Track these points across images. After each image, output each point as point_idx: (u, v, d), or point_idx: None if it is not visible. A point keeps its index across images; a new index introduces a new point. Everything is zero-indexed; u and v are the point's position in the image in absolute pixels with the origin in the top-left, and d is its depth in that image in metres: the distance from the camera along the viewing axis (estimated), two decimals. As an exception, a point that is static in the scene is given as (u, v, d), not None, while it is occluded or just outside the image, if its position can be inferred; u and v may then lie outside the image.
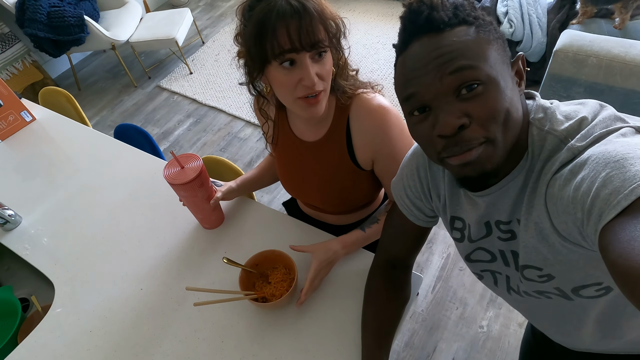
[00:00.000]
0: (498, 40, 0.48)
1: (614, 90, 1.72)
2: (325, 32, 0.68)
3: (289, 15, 0.64)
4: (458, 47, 0.45)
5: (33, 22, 2.42)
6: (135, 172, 1.19)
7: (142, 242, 1.01)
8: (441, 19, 0.46)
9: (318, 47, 0.68)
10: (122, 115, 2.72)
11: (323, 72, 0.71)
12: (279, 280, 0.83)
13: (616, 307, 0.56)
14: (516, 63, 0.51)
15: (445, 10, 0.46)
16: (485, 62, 0.45)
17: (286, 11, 0.64)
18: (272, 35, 0.65)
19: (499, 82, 0.46)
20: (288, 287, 0.81)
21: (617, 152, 0.39)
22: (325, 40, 0.68)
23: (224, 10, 3.57)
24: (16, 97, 1.37)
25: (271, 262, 0.86)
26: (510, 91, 0.47)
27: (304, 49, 0.66)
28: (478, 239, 0.61)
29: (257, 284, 0.85)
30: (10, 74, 2.66)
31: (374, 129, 0.80)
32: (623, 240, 0.34)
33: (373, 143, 0.81)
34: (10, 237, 1.08)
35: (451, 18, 0.46)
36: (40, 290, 1.03)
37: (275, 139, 0.93)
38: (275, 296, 0.81)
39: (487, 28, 0.47)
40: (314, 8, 0.65)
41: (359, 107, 0.80)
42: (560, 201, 0.44)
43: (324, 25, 0.68)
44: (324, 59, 0.70)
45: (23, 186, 1.21)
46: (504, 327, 1.48)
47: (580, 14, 2.02)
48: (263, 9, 0.65)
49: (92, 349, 0.83)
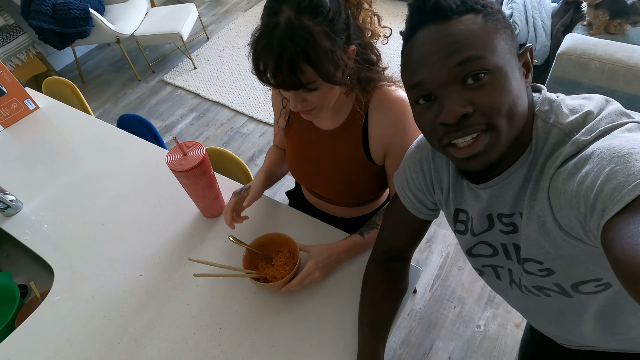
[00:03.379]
0: (506, 30, 0.48)
1: (616, 94, 1.72)
2: (315, 70, 0.63)
3: (269, 52, 0.61)
4: (465, 35, 0.45)
5: (38, 14, 2.42)
6: (137, 161, 1.20)
7: (143, 230, 1.01)
8: (449, 7, 0.46)
9: (299, 88, 0.65)
10: (126, 108, 2.73)
11: (312, 100, 0.70)
12: (282, 264, 0.84)
13: (614, 303, 0.56)
14: (524, 55, 0.51)
15: None
16: (493, 52, 0.45)
17: (270, 48, 0.61)
18: (256, 65, 0.64)
19: (506, 72, 0.46)
20: (290, 271, 0.81)
21: (622, 147, 0.39)
22: (313, 80, 0.64)
23: (230, 6, 3.58)
24: (20, 85, 1.38)
25: (276, 245, 0.87)
26: (516, 82, 0.47)
27: (282, 88, 0.66)
28: (480, 233, 0.61)
29: (260, 265, 0.86)
30: (15, 65, 2.67)
31: (392, 120, 0.79)
32: (626, 236, 0.34)
33: (389, 135, 0.81)
34: (10, 222, 1.08)
35: (459, 6, 0.46)
36: (39, 277, 1.03)
37: (290, 123, 0.93)
38: (276, 278, 0.81)
39: (495, 17, 0.47)
40: (301, 48, 0.60)
41: (380, 99, 0.79)
42: (563, 195, 0.44)
43: (314, 64, 0.62)
44: (312, 92, 0.67)
45: (25, 173, 1.22)
46: (501, 328, 1.48)
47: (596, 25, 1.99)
48: (260, 28, 0.63)
49: (89, 334, 0.83)
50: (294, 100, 0.69)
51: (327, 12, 0.62)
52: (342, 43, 0.66)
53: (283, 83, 0.64)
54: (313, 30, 0.61)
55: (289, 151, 0.98)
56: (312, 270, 0.80)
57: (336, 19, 0.63)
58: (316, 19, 0.61)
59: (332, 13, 0.62)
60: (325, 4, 0.62)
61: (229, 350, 0.78)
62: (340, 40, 0.65)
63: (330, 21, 0.62)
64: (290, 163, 0.99)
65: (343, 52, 0.66)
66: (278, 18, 0.61)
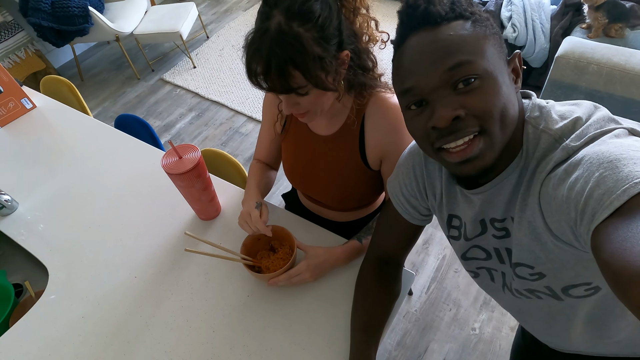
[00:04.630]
0: (495, 36, 0.48)
1: (613, 98, 1.73)
2: (304, 75, 0.63)
3: (259, 57, 0.62)
4: (455, 41, 0.45)
5: (37, 11, 2.41)
6: (134, 162, 1.20)
7: (138, 231, 1.01)
8: (438, 13, 0.46)
9: (290, 92, 0.66)
10: (125, 107, 2.73)
11: (305, 103, 0.70)
12: (279, 257, 0.85)
13: (604, 307, 0.56)
14: (513, 60, 0.51)
15: (442, 4, 0.47)
16: (482, 57, 0.46)
17: (260, 53, 0.62)
18: (248, 69, 0.64)
19: (496, 77, 0.46)
20: (284, 266, 0.82)
21: (610, 153, 0.40)
22: (303, 85, 0.65)
23: (230, 5, 3.57)
24: (17, 84, 1.37)
25: (280, 239, 0.88)
26: (506, 87, 0.47)
27: (273, 92, 0.66)
28: (473, 237, 0.62)
29: (259, 254, 0.87)
30: (13, 62, 2.66)
31: (389, 126, 0.79)
32: (615, 240, 0.34)
33: (385, 141, 0.81)
34: (5, 222, 1.08)
35: (448, 12, 0.46)
36: (34, 277, 1.04)
37: (286, 128, 0.93)
38: (269, 270, 0.82)
39: (484, 23, 0.48)
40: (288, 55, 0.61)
41: (376, 105, 0.80)
42: (554, 200, 0.45)
43: (302, 69, 0.63)
44: (303, 96, 0.68)
45: (21, 173, 1.21)
46: (496, 330, 1.49)
47: (594, 28, 2.00)
48: (252, 33, 0.64)
49: (83, 335, 0.83)
50: (287, 103, 0.70)
51: (317, 18, 0.62)
52: (334, 49, 0.66)
53: (274, 87, 0.65)
54: (302, 37, 0.61)
55: (286, 156, 0.98)
56: (302, 270, 0.81)
57: (327, 24, 0.63)
58: (306, 25, 0.61)
59: (322, 19, 0.62)
60: (315, 10, 0.62)
61: (222, 353, 0.78)
62: (331, 47, 0.65)
63: (321, 27, 0.63)
64: (287, 167, 1.00)
65: (334, 58, 0.67)
66: (269, 23, 0.61)
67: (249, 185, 0.93)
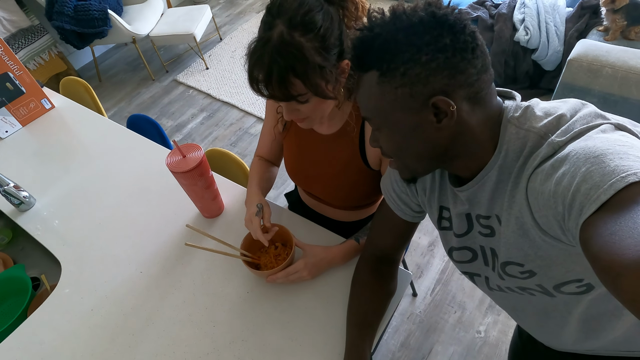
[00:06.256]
0: (403, 88, 0.48)
1: (628, 102, 1.68)
2: (304, 84, 0.65)
3: (261, 66, 0.64)
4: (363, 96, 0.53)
5: (60, 15, 2.52)
6: (144, 161, 1.24)
7: (145, 228, 1.05)
8: (360, 62, 0.52)
9: (290, 100, 0.67)
10: (139, 107, 2.80)
11: (305, 110, 0.72)
12: (278, 255, 0.87)
13: (599, 306, 0.57)
14: (429, 106, 0.49)
15: (365, 54, 0.51)
16: (379, 113, 0.52)
17: (261, 62, 0.63)
18: (250, 76, 0.66)
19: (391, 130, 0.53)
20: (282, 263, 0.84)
21: (597, 148, 0.40)
22: (303, 93, 0.66)
23: (244, 8, 3.62)
24: (38, 85, 1.44)
25: (281, 238, 0.91)
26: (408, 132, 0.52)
27: (274, 99, 0.68)
28: (461, 234, 0.63)
29: (259, 251, 0.90)
30: (37, 64, 2.78)
31: None
32: (604, 234, 0.35)
33: None
34: (24, 217, 1.14)
35: (365, 64, 0.51)
36: (51, 271, 1.08)
37: (288, 126, 0.95)
38: (268, 267, 0.85)
39: (393, 74, 0.48)
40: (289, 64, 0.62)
41: None
42: (541, 195, 0.45)
43: (303, 78, 0.64)
44: (303, 104, 0.69)
45: (39, 170, 1.27)
46: (501, 334, 1.47)
47: (612, 30, 1.96)
48: (255, 42, 0.65)
49: (91, 327, 0.87)
50: (287, 110, 0.72)
51: (319, 28, 0.64)
52: (334, 58, 0.67)
53: (274, 94, 0.66)
54: (304, 46, 0.63)
55: (287, 154, 1.01)
56: (300, 268, 0.83)
57: (328, 35, 0.65)
58: (307, 35, 0.63)
59: (324, 29, 0.64)
60: (317, 21, 0.64)
61: (221, 347, 0.81)
62: (331, 56, 0.66)
63: (322, 37, 0.64)
64: (289, 165, 1.02)
65: (335, 67, 0.68)
66: (271, 33, 0.63)
67: (251, 185, 0.96)
